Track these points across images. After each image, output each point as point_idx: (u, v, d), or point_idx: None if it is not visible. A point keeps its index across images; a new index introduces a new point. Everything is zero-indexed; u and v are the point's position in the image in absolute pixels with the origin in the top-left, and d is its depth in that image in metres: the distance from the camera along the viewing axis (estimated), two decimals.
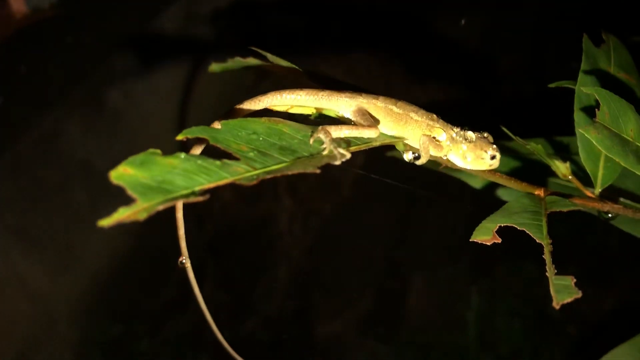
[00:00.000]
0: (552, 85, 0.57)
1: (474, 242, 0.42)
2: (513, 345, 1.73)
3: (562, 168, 0.53)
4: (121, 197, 0.35)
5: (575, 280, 0.34)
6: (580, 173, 0.54)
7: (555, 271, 0.36)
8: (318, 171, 0.35)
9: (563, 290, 0.34)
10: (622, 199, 0.54)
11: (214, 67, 0.56)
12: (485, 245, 0.42)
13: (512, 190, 0.50)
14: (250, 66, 0.55)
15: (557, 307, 0.33)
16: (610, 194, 0.55)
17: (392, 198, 1.42)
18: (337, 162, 0.38)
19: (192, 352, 1.23)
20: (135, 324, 1.42)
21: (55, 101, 1.43)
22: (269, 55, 0.52)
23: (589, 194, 0.53)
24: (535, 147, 0.51)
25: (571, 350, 1.34)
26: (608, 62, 0.58)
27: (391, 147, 0.48)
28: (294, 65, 0.51)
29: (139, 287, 1.45)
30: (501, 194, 0.58)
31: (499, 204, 0.49)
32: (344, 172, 1.37)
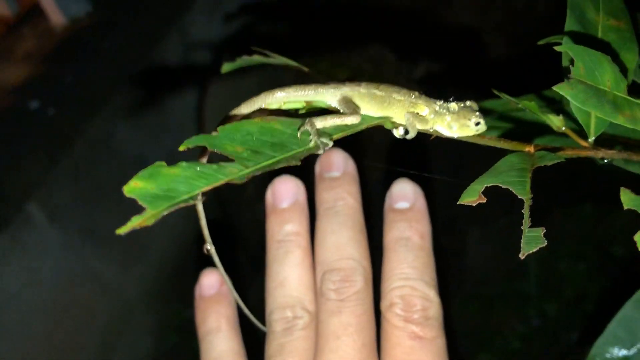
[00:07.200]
0: (541, 42, 0.59)
1: None
2: (578, 288, 1.73)
3: (555, 121, 0.55)
4: None
5: (545, 230, 0.37)
6: (574, 125, 0.56)
7: (530, 224, 0.39)
8: (299, 163, 0.39)
9: (531, 242, 0.37)
10: (618, 146, 0.56)
11: (226, 67, 0.61)
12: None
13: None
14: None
15: (522, 257, 0.37)
16: (606, 141, 0.57)
17: None
18: (320, 152, 0.43)
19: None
20: None
21: (103, 104, 1.50)
22: (272, 54, 0.57)
23: (583, 143, 0.55)
24: (528, 104, 0.54)
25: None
26: (596, 11, 0.59)
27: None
28: (296, 63, 0.55)
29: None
30: None
31: None
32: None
